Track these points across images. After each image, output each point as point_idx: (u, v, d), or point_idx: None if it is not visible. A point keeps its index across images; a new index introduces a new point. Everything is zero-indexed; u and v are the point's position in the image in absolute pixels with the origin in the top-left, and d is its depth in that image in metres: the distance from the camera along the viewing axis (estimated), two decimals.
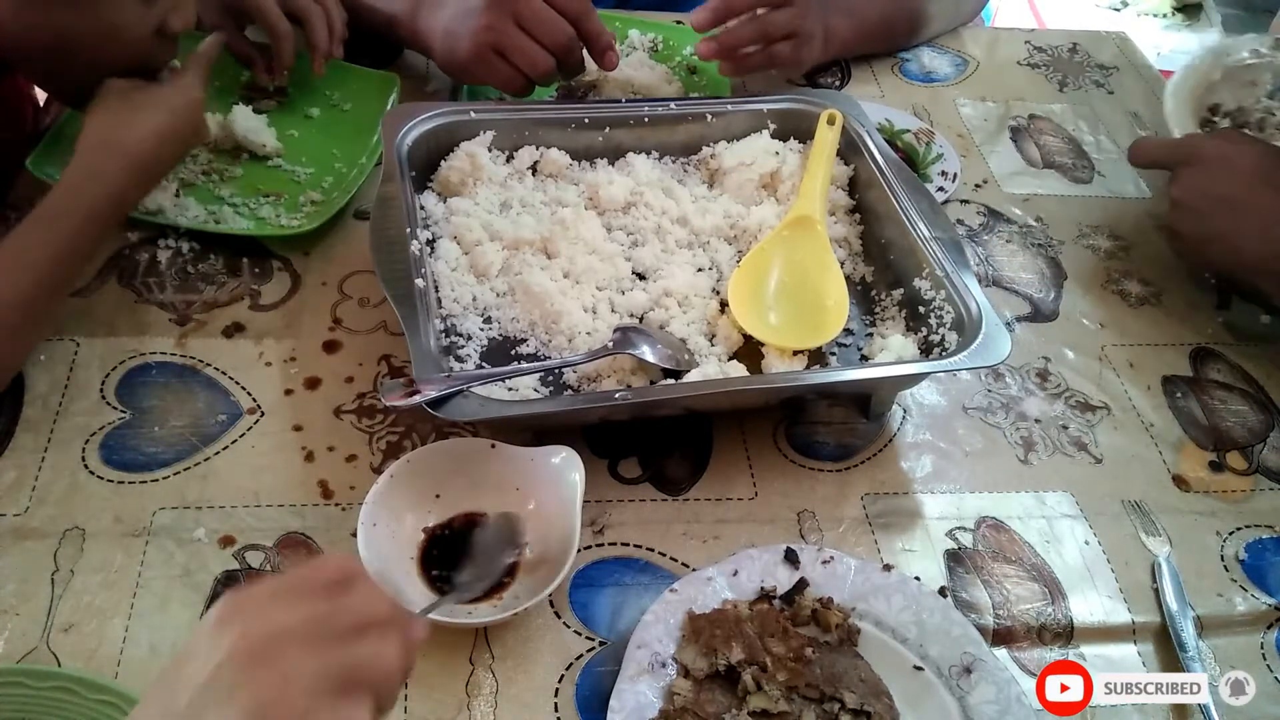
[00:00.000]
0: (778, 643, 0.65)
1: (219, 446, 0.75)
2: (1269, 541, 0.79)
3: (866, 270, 0.91)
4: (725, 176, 0.95)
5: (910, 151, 1.06)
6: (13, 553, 0.67)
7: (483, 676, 0.65)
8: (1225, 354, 0.94)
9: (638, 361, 0.78)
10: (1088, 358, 0.91)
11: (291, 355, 0.82)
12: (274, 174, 0.95)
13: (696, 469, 0.78)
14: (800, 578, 0.69)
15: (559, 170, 0.93)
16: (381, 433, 0.77)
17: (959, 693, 0.65)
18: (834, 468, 0.80)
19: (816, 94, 0.99)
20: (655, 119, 0.95)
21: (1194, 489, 0.82)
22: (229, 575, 0.68)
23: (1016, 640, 0.71)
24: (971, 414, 0.85)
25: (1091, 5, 3.00)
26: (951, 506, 0.78)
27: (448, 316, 0.82)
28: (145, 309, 0.83)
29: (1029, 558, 0.76)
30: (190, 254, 0.88)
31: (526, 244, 0.87)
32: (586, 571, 0.71)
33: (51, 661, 0.63)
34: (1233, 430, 0.87)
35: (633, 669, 0.63)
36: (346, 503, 0.73)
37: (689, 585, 0.68)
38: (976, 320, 0.77)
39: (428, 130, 0.89)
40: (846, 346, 0.86)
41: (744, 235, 0.91)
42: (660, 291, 0.85)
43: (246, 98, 1.01)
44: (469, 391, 0.69)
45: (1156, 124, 1.15)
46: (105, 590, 0.66)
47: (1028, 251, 1.01)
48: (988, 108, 1.18)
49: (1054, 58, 1.28)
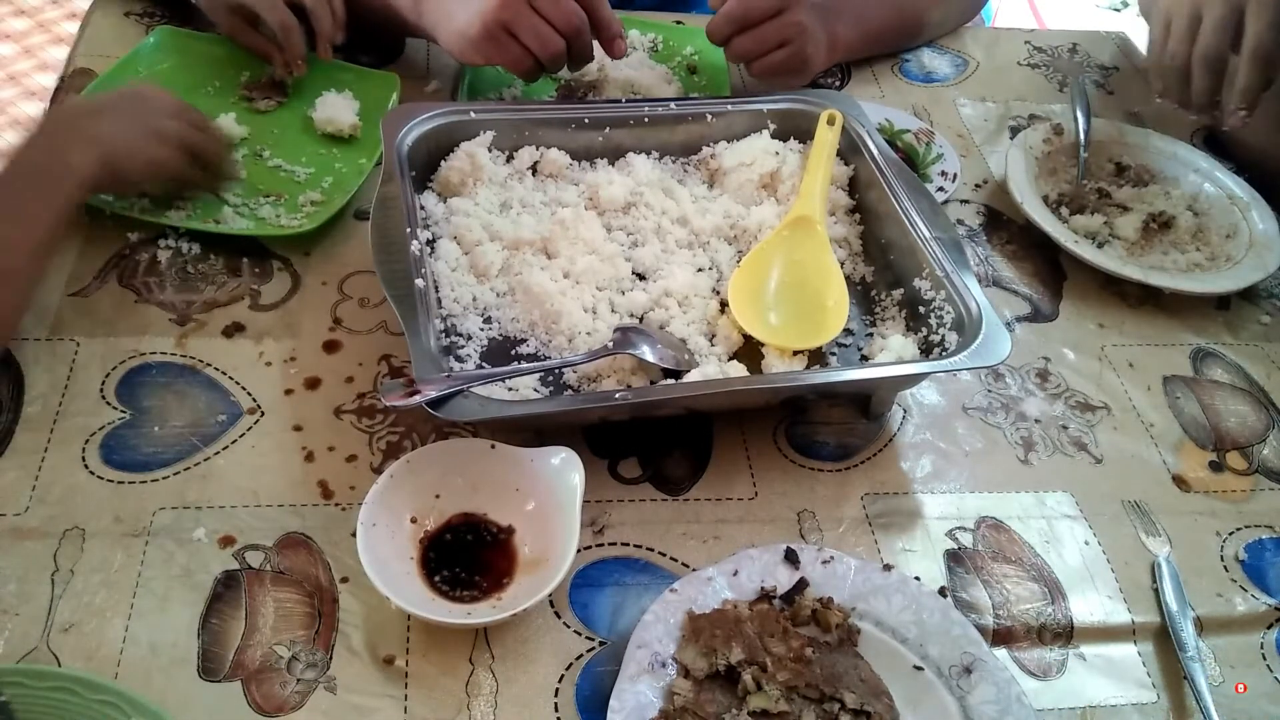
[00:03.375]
0: (778, 643, 0.65)
1: (219, 446, 0.75)
2: (1269, 541, 0.79)
3: (866, 270, 0.91)
4: (725, 176, 0.95)
5: (910, 151, 1.06)
6: (13, 553, 0.67)
7: (483, 676, 0.65)
8: (1225, 354, 0.94)
9: (638, 361, 0.78)
10: (1088, 358, 0.91)
11: (291, 355, 0.82)
12: (274, 174, 0.95)
13: (696, 469, 0.78)
14: (800, 578, 0.69)
15: (559, 170, 0.93)
16: (381, 433, 0.77)
17: (959, 693, 0.65)
18: (834, 468, 0.80)
19: (816, 94, 0.99)
20: (655, 119, 0.95)
21: (1194, 489, 0.82)
22: (229, 575, 0.68)
23: (1016, 640, 0.71)
24: (971, 414, 0.85)
25: (1091, 5, 3.00)
26: (951, 506, 0.78)
27: (448, 316, 0.82)
28: (145, 309, 0.83)
29: (1029, 558, 0.76)
30: (190, 254, 0.88)
31: (526, 244, 0.87)
32: (586, 571, 0.71)
33: (51, 661, 0.63)
34: (1233, 430, 0.87)
35: (633, 669, 0.63)
36: (346, 503, 0.73)
37: (689, 585, 0.68)
38: (976, 320, 0.77)
39: (428, 130, 0.89)
40: (846, 346, 0.86)
41: (744, 235, 0.91)
42: (660, 291, 0.85)
43: (247, 97, 1.01)
44: (469, 391, 0.69)
45: (1157, 124, 1.15)
46: (105, 590, 0.66)
47: (1027, 251, 1.01)
48: (988, 108, 1.18)
49: (1054, 58, 1.28)
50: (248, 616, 0.66)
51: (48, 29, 2.98)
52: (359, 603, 0.67)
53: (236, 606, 0.66)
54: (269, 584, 0.68)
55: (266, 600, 0.67)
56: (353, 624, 0.66)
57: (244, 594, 0.67)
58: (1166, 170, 1.08)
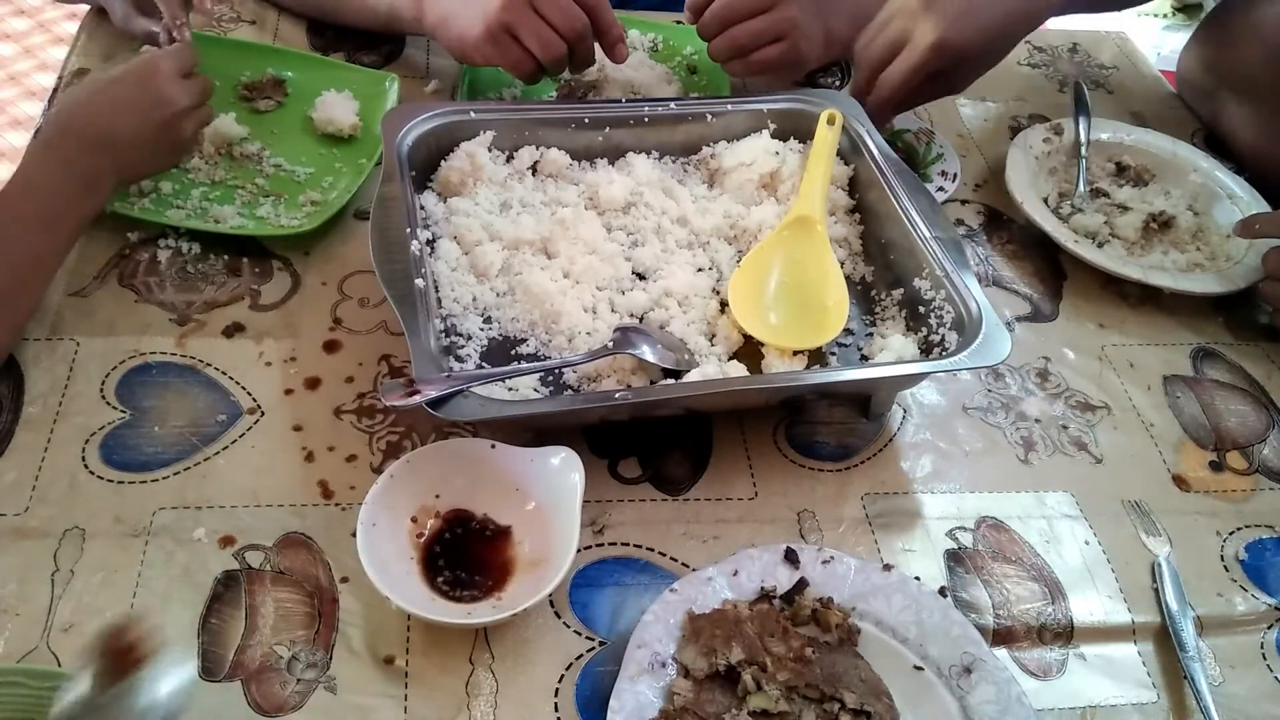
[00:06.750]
0: (778, 643, 0.64)
1: (219, 446, 0.75)
2: (1269, 541, 0.79)
3: (866, 270, 0.91)
4: (725, 176, 0.95)
5: (910, 151, 1.06)
6: (13, 553, 0.67)
7: (483, 676, 0.65)
8: (1225, 354, 0.94)
9: (638, 361, 0.78)
10: (1088, 358, 0.91)
11: (291, 355, 0.82)
12: (274, 174, 0.95)
13: (696, 469, 0.78)
14: (800, 578, 0.69)
15: (559, 170, 0.93)
16: (381, 433, 0.77)
17: (959, 693, 0.65)
18: (834, 468, 0.80)
19: (816, 94, 0.99)
20: (655, 119, 0.95)
21: (1194, 489, 0.82)
22: (229, 575, 0.68)
23: (1016, 640, 0.71)
24: (971, 414, 0.85)
25: None
26: (951, 506, 0.78)
27: (448, 316, 0.82)
28: (145, 309, 0.83)
29: (1029, 558, 0.76)
30: (190, 254, 0.88)
31: (526, 244, 0.87)
32: (586, 571, 0.71)
33: (51, 661, 0.63)
34: (1233, 430, 0.87)
35: (633, 669, 0.63)
36: (346, 503, 0.73)
37: (689, 585, 0.68)
38: (976, 320, 0.77)
39: (428, 130, 0.89)
40: (846, 346, 0.86)
41: (744, 235, 0.91)
42: (660, 291, 0.85)
43: (246, 98, 1.01)
44: (469, 391, 0.69)
45: (1157, 124, 1.15)
46: (105, 590, 0.66)
47: (1027, 251, 1.01)
48: (988, 108, 1.18)
49: (1054, 58, 1.28)
50: (248, 616, 0.66)
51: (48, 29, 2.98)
52: (359, 603, 0.67)
53: (236, 606, 0.66)
54: (269, 584, 0.68)
55: (266, 600, 0.67)
56: (353, 624, 0.66)
57: (244, 594, 0.67)
58: (1166, 170, 1.08)
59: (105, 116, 0.83)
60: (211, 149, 0.94)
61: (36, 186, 0.78)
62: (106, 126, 0.82)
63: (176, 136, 0.89)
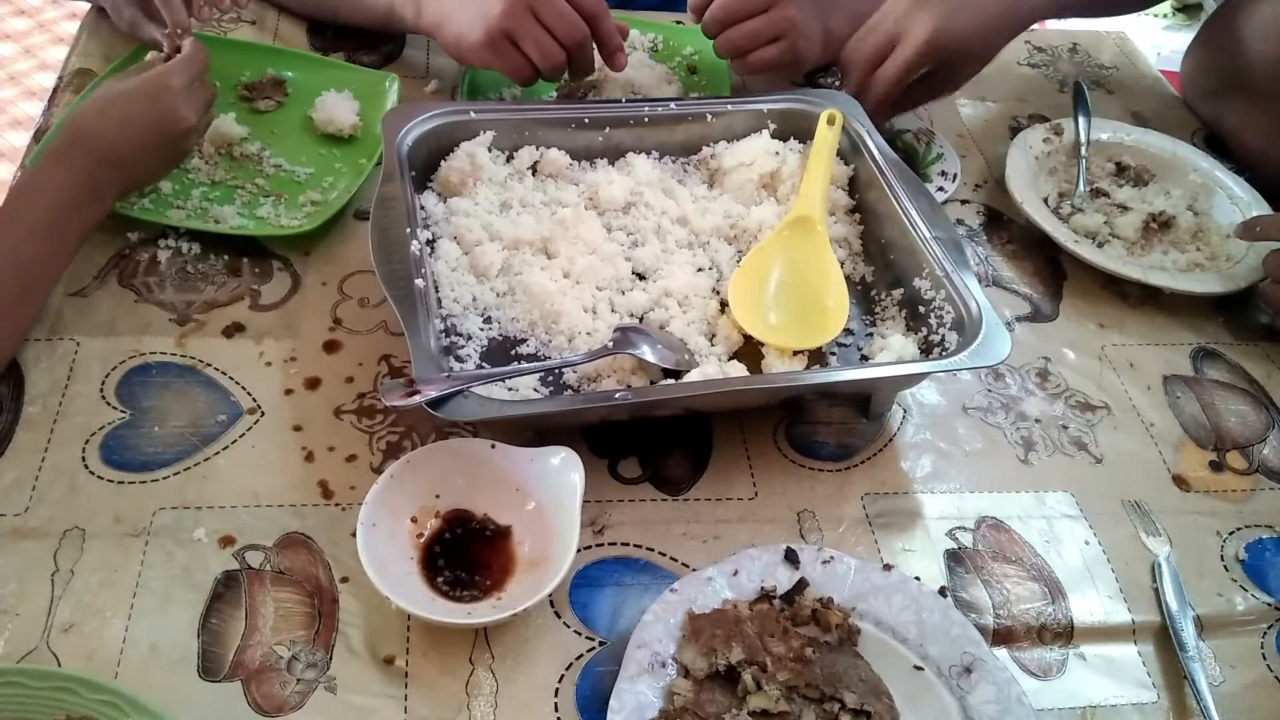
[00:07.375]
0: (778, 643, 0.64)
1: (219, 446, 0.75)
2: (1269, 541, 0.79)
3: (866, 270, 0.91)
4: (725, 176, 0.95)
5: (910, 151, 1.06)
6: (12, 553, 0.67)
7: (483, 676, 0.65)
8: (1225, 354, 0.94)
9: (638, 361, 0.78)
10: (1088, 358, 0.91)
11: (291, 355, 0.82)
12: (274, 174, 0.95)
13: (696, 469, 0.78)
14: (800, 578, 0.69)
15: (559, 170, 0.93)
16: (381, 433, 0.77)
17: (959, 693, 0.65)
18: (834, 468, 0.80)
19: (816, 94, 0.99)
20: (655, 119, 0.95)
21: (1194, 489, 0.82)
22: (229, 575, 0.68)
23: (1016, 640, 0.71)
24: (971, 414, 0.85)
25: None
26: (951, 506, 0.78)
27: (448, 316, 0.82)
28: (145, 309, 0.83)
29: (1029, 558, 0.76)
30: (190, 254, 0.88)
31: (526, 244, 0.87)
32: (586, 571, 0.71)
33: (51, 661, 0.63)
34: (1233, 430, 0.87)
35: (633, 669, 0.63)
36: (346, 503, 0.73)
37: (689, 585, 0.68)
38: (976, 320, 0.77)
39: (428, 130, 0.89)
40: (846, 346, 0.86)
41: (744, 235, 0.91)
42: (660, 291, 0.85)
43: (246, 98, 1.01)
44: (469, 391, 0.69)
45: (1157, 124, 1.15)
46: (105, 590, 0.66)
47: (1028, 251, 1.01)
48: (988, 108, 1.18)
49: (1054, 58, 1.28)
50: (248, 616, 0.66)
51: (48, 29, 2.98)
52: (359, 603, 0.67)
53: (236, 606, 0.66)
54: (269, 584, 0.68)
55: (266, 600, 0.67)
56: (353, 624, 0.66)
57: (244, 594, 0.67)
58: (1166, 170, 1.08)
59: (115, 131, 0.83)
60: (211, 149, 0.94)
61: (43, 196, 0.78)
62: (116, 141, 0.82)
63: (182, 150, 0.91)
